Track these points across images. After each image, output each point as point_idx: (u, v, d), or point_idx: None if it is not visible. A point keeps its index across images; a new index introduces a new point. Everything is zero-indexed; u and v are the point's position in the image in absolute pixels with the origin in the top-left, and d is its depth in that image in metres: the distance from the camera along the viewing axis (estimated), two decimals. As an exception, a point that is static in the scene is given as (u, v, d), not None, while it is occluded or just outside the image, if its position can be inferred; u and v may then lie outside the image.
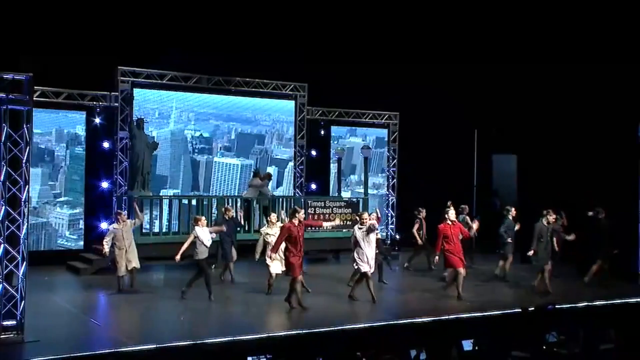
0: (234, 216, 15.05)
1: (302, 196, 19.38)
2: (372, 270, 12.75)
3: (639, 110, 16.12)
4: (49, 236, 16.77)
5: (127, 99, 17.50)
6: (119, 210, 14.17)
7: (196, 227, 12.66)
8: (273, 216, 14.36)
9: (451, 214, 13.62)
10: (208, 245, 12.66)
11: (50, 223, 16.78)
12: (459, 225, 13.93)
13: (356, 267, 12.71)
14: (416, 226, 17.13)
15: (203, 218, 13.20)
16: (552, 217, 14.41)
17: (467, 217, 16.62)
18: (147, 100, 18.11)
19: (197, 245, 12.54)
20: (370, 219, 12.96)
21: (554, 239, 15.51)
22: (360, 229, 12.67)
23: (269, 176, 18.25)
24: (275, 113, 20.12)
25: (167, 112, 18.57)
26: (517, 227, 15.87)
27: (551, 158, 18.82)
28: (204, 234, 12.62)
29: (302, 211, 12.64)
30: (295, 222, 11.88)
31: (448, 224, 13.36)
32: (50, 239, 16.79)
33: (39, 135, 17.09)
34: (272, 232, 13.47)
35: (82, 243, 17.16)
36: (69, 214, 17.08)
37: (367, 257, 12.48)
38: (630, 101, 16.41)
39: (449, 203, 15.47)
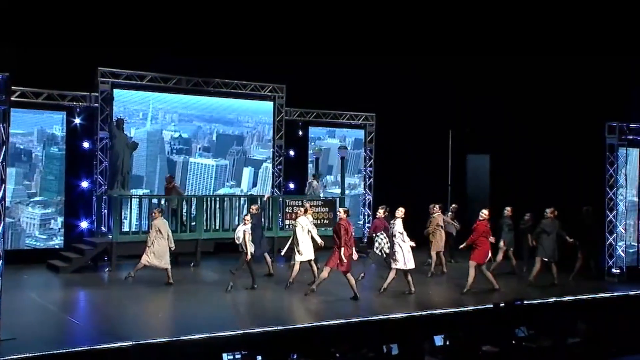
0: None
1: (281, 195, 19.33)
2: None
3: (606, 109, 16.28)
4: (17, 236, 16.49)
5: (107, 99, 17.33)
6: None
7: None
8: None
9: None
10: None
11: (18, 223, 16.51)
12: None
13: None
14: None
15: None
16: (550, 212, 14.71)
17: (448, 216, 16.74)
18: (127, 101, 17.92)
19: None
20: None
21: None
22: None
23: (317, 177, 19.47)
24: (258, 115, 20.05)
25: (145, 112, 18.41)
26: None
27: (523, 157, 18.92)
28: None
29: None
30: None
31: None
32: (18, 239, 16.50)
33: (21, 136, 16.86)
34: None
35: (52, 243, 16.92)
36: (41, 213, 16.81)
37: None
38: (597, 100, 16.55)
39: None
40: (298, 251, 13.72)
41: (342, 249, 12.37)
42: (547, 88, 18.06)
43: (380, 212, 14.83)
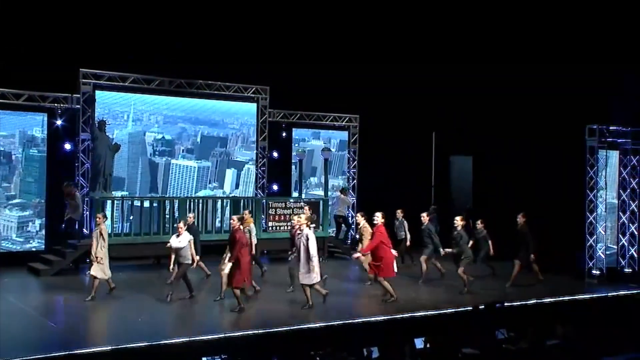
0: None
1: (264, 197, 19.32)
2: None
3: (586, 111, 16.40)
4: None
5: (89, 100, 17.24)
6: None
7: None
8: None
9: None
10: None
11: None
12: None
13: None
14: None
15: None
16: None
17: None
18: (108, 103, 17.84)
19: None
20: None
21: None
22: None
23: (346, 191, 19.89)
24: (244, 116, 20.05)
25: (127, 114, 18.34)
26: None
27: (505, 159, 19.02)
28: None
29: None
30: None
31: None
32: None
33: (2, 138, 16.74)
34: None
35: (29, 246, 16.84)
36: (18, 216, 16.71)
37: None
38: (578, 103, 16.67)
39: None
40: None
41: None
42: (530, 91, 18.16)
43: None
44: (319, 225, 18.55)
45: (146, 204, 16.53)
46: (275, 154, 20.59)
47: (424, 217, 15.67)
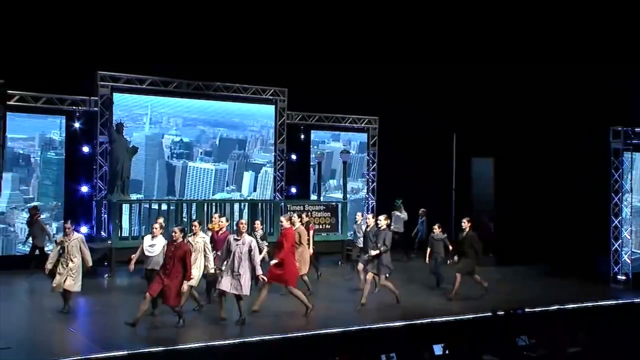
0: None
1: (282, 200, 19.34)
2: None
3: (611, 113, 16.22)
4: (9, 242, 16.60)
5: (107, 103, 17.39)
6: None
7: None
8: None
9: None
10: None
11: (11, 229, 16.60)
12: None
13: None
14: None
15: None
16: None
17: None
18: (126, 105, 17.98)
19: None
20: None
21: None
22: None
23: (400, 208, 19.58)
24: (263, 118, 20.12)
25: (144, 116, 18.47)
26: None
27: (527, 161, 18.86)
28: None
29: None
30: None
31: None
32: (9, 245, 16.60)
33: (22, 141, 16.94)
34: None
35: (45, 249, 16.76)
36: (36, 219, 16.87)
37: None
38: (602, 104, 16.49)
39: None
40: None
41: None
42: (553, 92, 18.00)
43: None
44: (338, 228, 18.56)
45: (163, 206, 16.61)
46: (293, 157, 20.62)
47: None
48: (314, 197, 20.28)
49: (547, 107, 18.20)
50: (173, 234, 10.89)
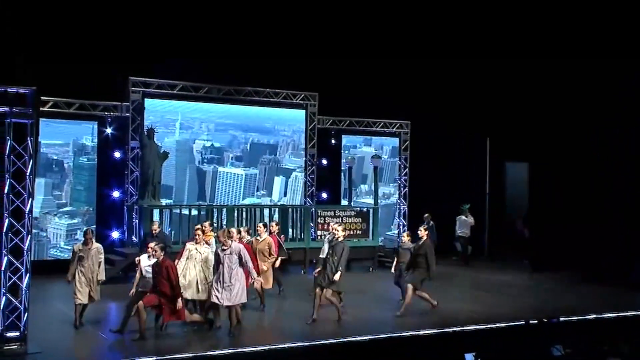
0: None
1: (313, 205, 19.34)
2: None
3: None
4: (42, 246, 16.80)
5: (138, 109, 17.60)
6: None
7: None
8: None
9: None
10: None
11: (43, 233, 16.81)
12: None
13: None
14: None
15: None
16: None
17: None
18: (157, 111, 18.17)
19: None
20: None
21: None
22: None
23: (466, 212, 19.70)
24: (296, 123, 20.17)
25: (175, 122, 18.64)
26: None
27: (564, 166, 18.60)
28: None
29: None
30: None
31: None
32: (42, 249, 16.80)
33: (58, 147, 17.23)
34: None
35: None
36: (67, 224, 17.13)
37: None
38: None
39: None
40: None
41: None
42: (589, 96, 17.73)
43: None
44: (369, 234, 18.51)
45: (194, 212, 16.73)
46: (324, 162, 20.61)
47: (421, 232, 13.05)
48: (344, 202, 20.24)
49: (583, 111, 17.92)
50: (153, 252, 10.51)
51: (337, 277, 11.61)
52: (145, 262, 11.03)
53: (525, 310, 13.06)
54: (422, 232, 12.90)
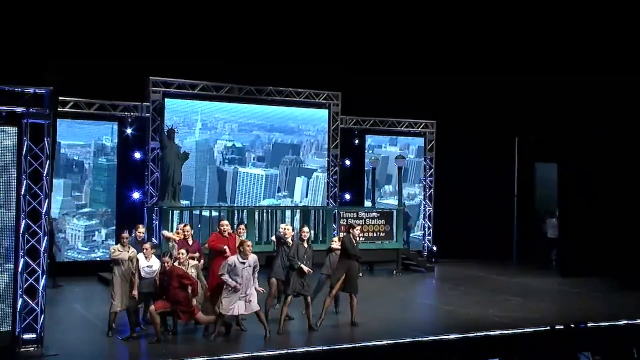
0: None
1: (335, 207, 19.28)
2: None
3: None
4: (58, 248, 16.73)
5: (159, 109, 17.71)
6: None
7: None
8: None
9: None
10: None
11: (60, 235, 16.91)
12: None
13: None
14: None
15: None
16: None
17: None
18: (178, 111, 18.26)
19: None
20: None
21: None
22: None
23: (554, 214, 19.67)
24: (320, 123, 20.15)
25: (197, 122, 18.72)
26: None
27: (593, 166, 18.31)
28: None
29: None
30: None
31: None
32: (59, 251, 16.74)
33: (80, 147, 17.42)
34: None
35: (94, 255, 17.33)
36: (85, 225, 17.25)
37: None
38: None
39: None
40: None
41: None
42: (619, 95, 17.43)
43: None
44: (393, 236, 18.40)
45: (214, 213, 16.77)
46: (347, 162, 20.55)
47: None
48: (368, 203, 20.16)
49: (614, 110, 17.62)
50: (165, 264, 10.39)
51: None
52: (144, 263, 10.84)
53: (554, 315, 12.89)
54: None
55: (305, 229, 11.67)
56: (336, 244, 12.27)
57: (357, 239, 11.92)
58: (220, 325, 10.74)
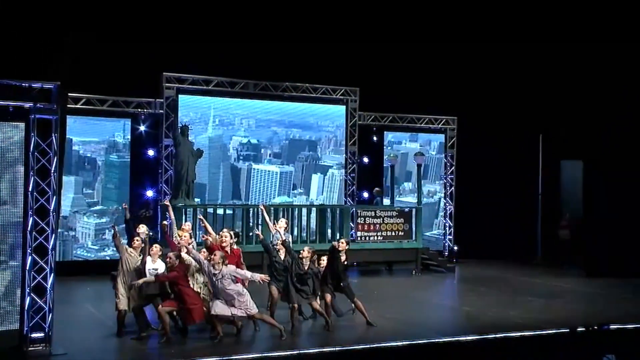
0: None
1: (353, 205, 19.21)
2: None
3: None
4: (67, 246, 17.02)
5: (172, 105, 17.75)
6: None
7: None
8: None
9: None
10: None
11: (68, 233, 17.04)
12: None
13: None
14: None
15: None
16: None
17: None
18: (192, 107, 18.29)
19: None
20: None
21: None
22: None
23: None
24: (339, 119, 20.09)
25: (210, 118, 18.74)
26: None
27: (620, 164, 18.07)
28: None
29: None
30: None
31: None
32: (67, 249, 17.02)
33: (94, 144, 17.52)
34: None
35: (103, 254, 17.37)
36: (95, 223, 17.33)
37: None
38: None
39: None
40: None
41: None
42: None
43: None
44: (412, 235, 18.30)
45: (228, 211, 16.78)
46: (365, 159, 20.44)
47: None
48: (386, 201, 20.05)
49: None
50: (168, 259, 10.46)
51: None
52: (150, 265, 10.83)
53: (577, 317, 12.72)
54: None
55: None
56: (323, 262, 11.81)
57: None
58: (220, 326, 10.71)
